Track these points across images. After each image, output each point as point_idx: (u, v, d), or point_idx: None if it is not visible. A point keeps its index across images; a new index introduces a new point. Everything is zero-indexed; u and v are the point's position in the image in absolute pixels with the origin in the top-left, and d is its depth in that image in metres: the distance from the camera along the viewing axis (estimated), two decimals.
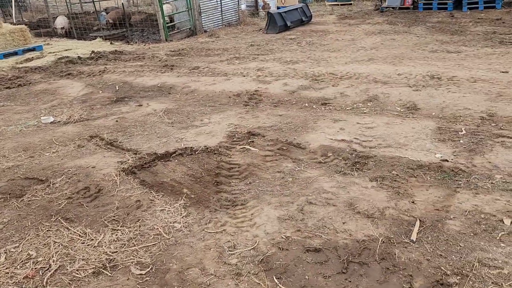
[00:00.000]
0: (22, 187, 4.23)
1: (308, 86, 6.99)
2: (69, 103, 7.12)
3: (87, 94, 7.62)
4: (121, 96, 7.32)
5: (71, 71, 9.48)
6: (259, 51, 10.20)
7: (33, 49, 12.25)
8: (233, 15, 15.07)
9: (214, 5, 14.23)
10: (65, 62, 10.47)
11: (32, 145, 5.34)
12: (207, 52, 10.56)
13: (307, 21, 13.41)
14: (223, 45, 11.29)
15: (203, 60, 9.68)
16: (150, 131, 5.61)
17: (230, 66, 8.81)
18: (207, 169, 4.43)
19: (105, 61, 10.42)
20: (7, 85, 8.65)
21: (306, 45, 10.47)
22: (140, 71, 8.96)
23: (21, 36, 12.33)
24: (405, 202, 3.62)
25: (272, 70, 8.19)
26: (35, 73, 9.58)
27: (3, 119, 6.47)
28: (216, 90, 7.24)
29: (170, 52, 10.86)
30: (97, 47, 12.59)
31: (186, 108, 6.48)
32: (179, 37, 13.32)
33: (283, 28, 12.51)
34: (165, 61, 9.84)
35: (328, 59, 8.85)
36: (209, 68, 8.80)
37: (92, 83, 8.34)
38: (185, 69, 8.84)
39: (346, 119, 5.49)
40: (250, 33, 12.96)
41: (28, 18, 18.75)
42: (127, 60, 10.33)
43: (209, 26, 14.15)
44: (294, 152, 4.71)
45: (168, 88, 7.59)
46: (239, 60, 9.36)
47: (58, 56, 11.29)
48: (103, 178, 4.32)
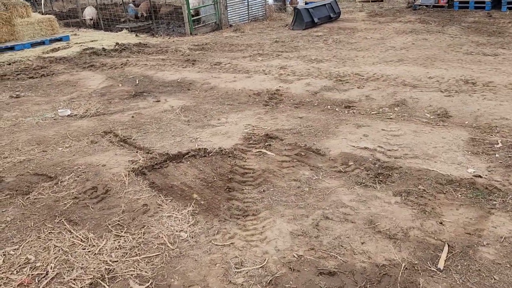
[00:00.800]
0: (30, 183, 4.10)
1: (331, 87, 6.64)
2: (88, 96, 7.02)
3: (107, 87, 7.51)
4: (140, 90, 7.16)
5: (94, 62, 9.42)
6: (283, 48, 9.87)
7: (60, 39, 12.31)
8: (259, 9, 14.75)
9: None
10: (89, 54, 10.44)
11: (46, 138, 5.23)
12: (230, 47, 10.30)
13: (335, 17, 12.95)
14: (247, 41, 11.00)
15: (225, 55, 9.43)
16: (165, 129, 5.41)
17: (253, 63, 8.53)
18: (219, 173, 4.19)
19: (128, 54, 10.33)
20: (31, 75, 8.65)
21: (333, 43, 10.06)
22: (161, 65, 8.80)
23: (49, 26, 12.41)
24: (432, 222, 3.28)
25: (295, 69, 7.86)
26: (59, 64, 9.57)
27: (22, 110, 6.42)
28: (236, 87, 6.98)
29: (193, 46, 10.67)
30: (122, 39, 12.54)
31: (204, 105, 6.25)
32: (204, 31, 13.12)
33: (310, 25, 12.12)
34: (187, 55, 9.65)
35: (354, 58, 8.44)
36: (231, 64, 8.55)
37: (113, 75, 8.23)
38: (207, 65, 8.62)
39: (370, 125, 5.13)
40: (276, 28, 12.62)
41: (58, 8, 18.97)
42: (150, 53, 10.20)
43: (235, 21, 13.88)
44: (313, 158, 4.41)
45: (187, 84, 7.38)
46: (262, 57, 9.06)
47: (84, 47, 11.28)
48: (112, 178, 4.15)
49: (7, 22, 11.51)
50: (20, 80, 8.31)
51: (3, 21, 11.40)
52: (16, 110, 6.44)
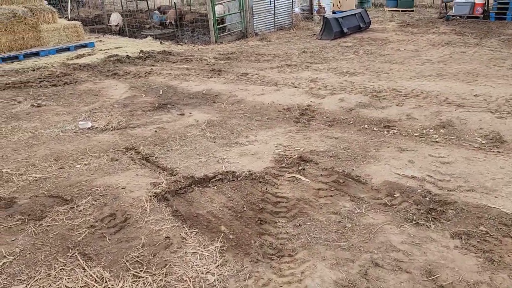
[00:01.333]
0: (44, 207, 3.76)
1: (367, 104, 6.15)
2: (110, 107, 6.72)
3: (130, 97, 7.20)
4: (164, 102, 6.82)
5: (118, 70, 9.17)
6: (312, 59, 9.42)
7: (85, 45, 12.18)
8: (286, 18, 14.35)
9: (267, 8, 13.58)
10: (114, 61, 10.23)
11: (64, 154, 4.91)
12: (257, 57, 9.92)
13: (365, 27, 12.43)
14: (274, 50, 10.60)
15: (252, 66, 9.05)
16: (189, 146, 5.03)
17: (281, 75, 8.10)
18: (249, 202, 3.76)
19: (152, 62, 10.06)
20: (54, 82, 8.45)
21: (364, 55, 9.56)
22: (186, 75, 8.47)
23: (75, 32, 12.31)
24: (503, 276, 2.76)
25: (326, 82, 7.39)
26: (83, 71, 9.37)
27: (42, 121, 6.15)
28: (264, 101, 6.56)
29: (218, 55, 10.33)
30: (146, 46, 12.33)
31: (231, 121, 5.85)
32: (229, 39, 12.79)
33: (339, 35, 11.64)
34: (212, 65, 9.31)
35: (389, 72, 7.92)
36: (258, 75, 8.14)
37: (137, 85, 7.94)
38: (233, 75, 8.24)
39: (415, 149, 4.62)
40: (303, 38, 12.19)
41: (85, 14, 19.04)
42: (175, 62, 9.90)
43: (261, 29, 13.52)
44: (353, 187, 3.93)
45: (213, 96, 7.01)
46: (291, 68, 8.63)
47: (108, 54, 11.10)
48: (132, 204, 3.77)
49: (33, 28, 11.44)
50: (43, 88, 8.11)
51: (29, 26, 11.34)
52: (36, 120, 6.18)
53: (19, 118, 6.29)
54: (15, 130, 5.81)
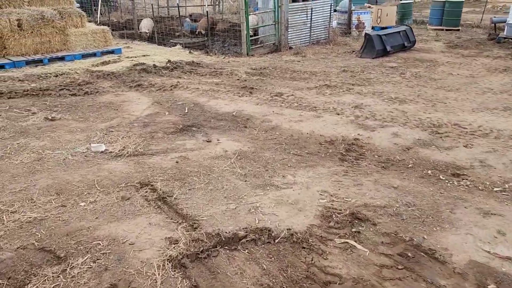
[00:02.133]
0: (30, 266, 2.94)
1: (428, 142, 5.14)
2: (129, 125, 5.94)
3: (152, 114, 6.42)
4: (189, 123, 6.00)
5: (143, 81, 8.45)
6: (354, 79, 8.46)
7: (112, 51, 11.59)
8: (322, 32, 13.44)
9: (303, 20, 12.71)
10: (139, 70, 9.54)
11: (69, 186, 4.12)
12: (292, 74, 9.02)
13: (409, 46, 11.38)
14: (310, 67, 9.69)
15: (287, 84, 8.16)
16: (215, 185, 4.16)
17: (320, 97, 7.17)
18: (291, 278, 2.84)
19: (179, 73, 9.32)
20: (74, 91, 7.78)
21: (412, 78, 8.52)
22: (215, 91, 7.65)
23: (102, 37, 11.74)
24: None
25: (373, 110, 6.42)
26: (106, 80, 8.70)
27: (53, 139, 5.42)
28: (303, 130, 5.64)
29: (250, 70, 9.49)
30: (175, 55, 11.64)
31: (265, 153, 4.95)
32: (262, 52, 11.97)
33: (381, 53, 10.63)
34: (244, 80, 8.47)
35: (445, 100, 6.88)
36: (294, 96, 7.24)
37: (161, 100, 7.17)
38: (266, 95, 7.37)
39: (502, 213, 3.60)
40: (341, 55, 11.23)
41: (116, 18, 18.64)
42: (203, 75, 9.12)
43: (295, 43, 12.65)
44: (428, 267, 2.96)
45: (244, 119, 6.14)
46: (331, 89, 7.69)
47: (134, 62, 10.44)
48: (139, 270, 2.90)
49: (60, 31, 10.92)
50: (61, 97, 7.44)
51: (56, 30, 10.82)
52: (47, 138, 5.45)
53: (28, 134, 5.58)
54: (21, 149, 5.09)
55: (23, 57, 10.23)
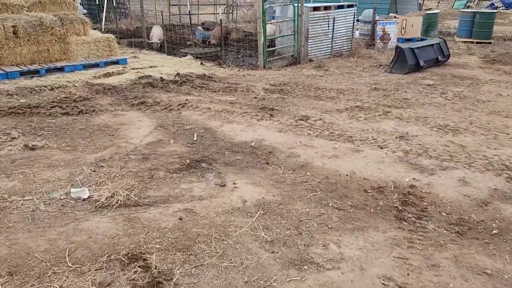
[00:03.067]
0: None
1: (509, 194, 3.88)
2: (125, 158, 4.76)
3: (154, 143, 5.24)
4: (198, 156, 4.80)
5: (147, 98, 7.31)
6: (388, 99, 7.21)
7: (117, 62, 10.48)
8: (344, 43, 12.22)
9: (325, 31, 11.50)
10: (144, 84, 8.39)
11: (29, 260, 2.93)
12: (316, 92, 7.80)
13: (443, 61, 10.10)
14: (336, 84, 8.46)
15: (312, 104, 6.93)
16: (232, 259, 2.95)
17: (354, 123, 5.93)
18: None
19: (189, 88, 8.16)
20: (67, 110, 6.66)
21: (456, 99, 7.25)
22: (229, 112, 6.46)
23: (107, 46, 10.65)
24: None
25: (423, 142, 5.16)
26: (106, 95, 7.57)
27: (26, 178, 4.25)
28: (340, 170, 4.41)
29: (269, 86, 8.28)
30: (184, 66, 10.50)
31: (295, 204, 3.73)
32: (280, 64, 10.78)
33: (414, 68, 9.38)
34: (262, 99, 7.27)
35: (507, 130, 5.60)
36: (323, 121, 6.02)
37: (166, 122, 6.00)
38: (290, 118, 6.15)
39: None
40: (368, 69, 9.99)
41: (126, 26, 17.65)
42: (216, 91, 7.94)
43: (315, 55, 11.44)
44: None
45: (266, 152, 4.92)
46: (364, 112, 6.45)
47: (140, 74, 9.32)
48: None
49: (61, 39, 9.85)
50: (51, 117, 6.31)
51: (56, 38, 9.75)
52: (19, 175, 4.29)
53: None
54: None
55: (18, 67, 9.16)
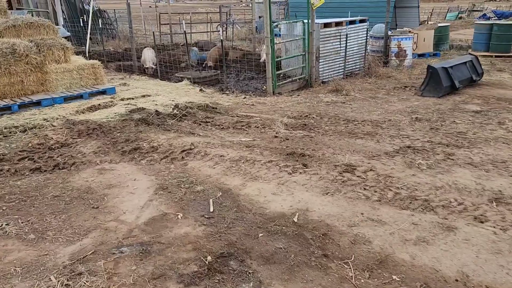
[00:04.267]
0: None
1: None
2: (114, 255, 3.16)
3: (156, 220, 3.65)
4: (221, 246, 3.21)
5: (141, 141, 5.74)
6: (440, 134, 5.75)
7: (103, 91, 8.88)
8: (357, 62, 10.83)
9: (336, 49, 10.10)
10: (137, 121, 6.81)
11: None
12: (347, 125, 6.31)
13: (477, 80, 8.75)
14: (366, 113, 6.99)
15: (349, 144, 5.43)
16: None
17: (418, 174, 4.42)
18: None
19: (191, 125, 6.61)
20: (39, 164, 5.04)
21: None
22: (249, 162, 4.91)
23: (92, 74, 9.05)
24: None
25: None
26: (90, 138, 5.97)
27: None
28: (442, 268, 2.87)
29: (287, 118, 6.76)
30: (182, 94, 8.96)
31: None
32: (290, 88, 9.31)
33: (448, 90, 7.99)
34: (285, 139, 5.74)
35: None
36: (375, 172, 4.49)
37: (168, 181, 4.43)
38: (330, 168, 4.63)
39: None
40: (393, 92, 8.57)
41: (114, 47, 16.07)
42: (225, 128, 6.40)
43: (327, 76, 10.03)
44: None
45: (318, 235, 3.36)
46: (421, 156, 4.96)
47: (131, 107, 7.75)
48: None
49: (37, 68, 8.23)
50: (17, 176, 4.69)
51: (32, 67, 8.13)
52: None
53: None
54: None
55: None
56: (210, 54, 12.08)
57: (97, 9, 17.26)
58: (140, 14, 24.23)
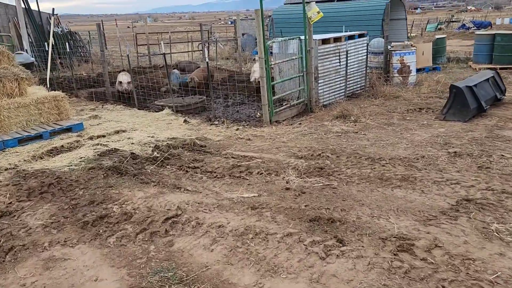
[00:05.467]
0: None
1: None
2: None
3: None
4: None
5: (110, 203, 4.22)
6: (496, 177, 4.43)
7: (69, 129, 7.31)
8: (358, 81, 9.60)
9: (335, 67, 8.84)
10: (107, 170, 5.28)
11: None
12: (373, 166, 4.93)
13: (501, 98, 7.58)
14: (388, 147, 5.65)
15: (387, 198, 4.05)
16: None
17: (502, 250, 3.06)
18: None
19: (176, 173, 5.13)
20: None
21: None
22: (260, 237, 3.45)
23: (54, 108, 7.46)
24: None
25: None
26: (42, 201, 4.42)
27: None
28: None
29: (297, 160, 5.33)
30: (163, 127, 7.47)
31: None
32: (288, 115, 7.94)
33: (475, 112, 6.77)
34: (300, 192, 4.30)
35: None
36: (447, 252, 3.09)
37: (146, 281, 2.93)
38: (378, 247, 3.21)
39: None
40: (408, 116, 7.30)
41: (86, 72, 14.47)
42: (219, 176, 4.93)
43: (327, 98, 8.73)
44: None
45: None
46: (490, 213, 3.60)
47: (101, 149, 6.22)
48: None
49: None
50: None
51: None
52: None
53: None
54: None
55: None
56: (193, 75, 10.65)
57: (67, 31, 15.66)
58: (116, 35, 22.69)
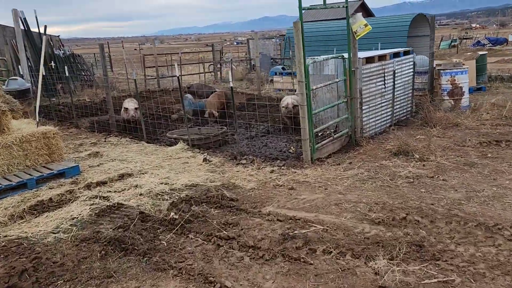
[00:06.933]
0: None
1: None
2: None
3: None
4: None
5: None
6: None
7: (61, 173, 5.74)
8: (403, 105, 8.05)
9: (380, 90, 7.30)
10: (105, 245, 3.68)
11: None
12: (494, 241, 3.31)
13: None
14: (496, 203, 4.02)
15: None
16: None
17: None
18: None
19: (202, 246, 3.53)
20: None
21: None
22: None
23: (44, 148, 5.93)
24: None
25: None
26: None
27: None
28: None
29: (373, 227, 3.73)
30: (179, 169, 5.89)
31: None
32: (330, 150, 6.36)
33: None
34: None
35: None
36: None
37: None
38: None
39: None
40: (486, 150, 5.69)
41: (90, 97, 13.06)
42: (266, 258, 3.31)
43: (372, 127, 7.16)
44: None
45: None
46: None
47: (100, 204, 4.65)
48: None
49: None
50: None
51: None
52: None
53: None
54: None
55: None
56: (210, 102, 9.16)
57: (70, 53, 14.36)
58: (123, 57, 21.47)
